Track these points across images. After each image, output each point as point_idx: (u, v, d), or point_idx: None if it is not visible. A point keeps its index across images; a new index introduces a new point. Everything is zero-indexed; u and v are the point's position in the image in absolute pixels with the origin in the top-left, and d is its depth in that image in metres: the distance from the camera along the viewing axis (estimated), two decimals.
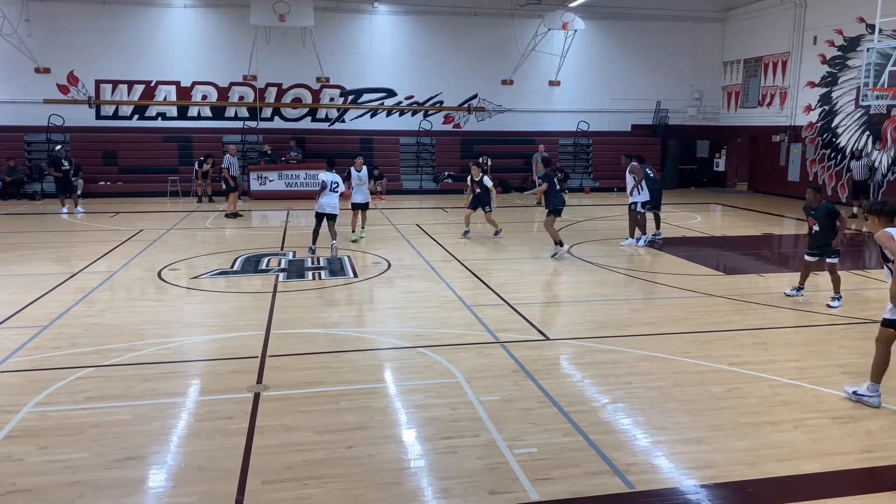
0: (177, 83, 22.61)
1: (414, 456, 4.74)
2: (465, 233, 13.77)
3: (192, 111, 22.96)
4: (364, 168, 13.27)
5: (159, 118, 22.76)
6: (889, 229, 5.46)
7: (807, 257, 8.97)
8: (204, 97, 22.90)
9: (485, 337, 7.35)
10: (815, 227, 8.81)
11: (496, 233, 13.63)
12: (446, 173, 23.58)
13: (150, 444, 4.85)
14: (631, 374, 6.27)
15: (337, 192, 11.73)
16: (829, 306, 8.65)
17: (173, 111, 22.82)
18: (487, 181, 13.49)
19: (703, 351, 6.94)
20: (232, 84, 22.93)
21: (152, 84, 22.45)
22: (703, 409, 5.52)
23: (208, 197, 20.49)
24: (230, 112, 23.19)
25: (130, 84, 22.29)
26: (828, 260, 8.74)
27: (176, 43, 22.37)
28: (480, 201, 13.57)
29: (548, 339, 7.35)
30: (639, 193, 12.94)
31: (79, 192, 18.82)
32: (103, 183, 21.35)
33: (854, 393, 5.58)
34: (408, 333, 7.56)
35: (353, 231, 13.57)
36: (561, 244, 11.77)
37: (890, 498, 4.25)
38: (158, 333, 7.43)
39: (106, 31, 21.70)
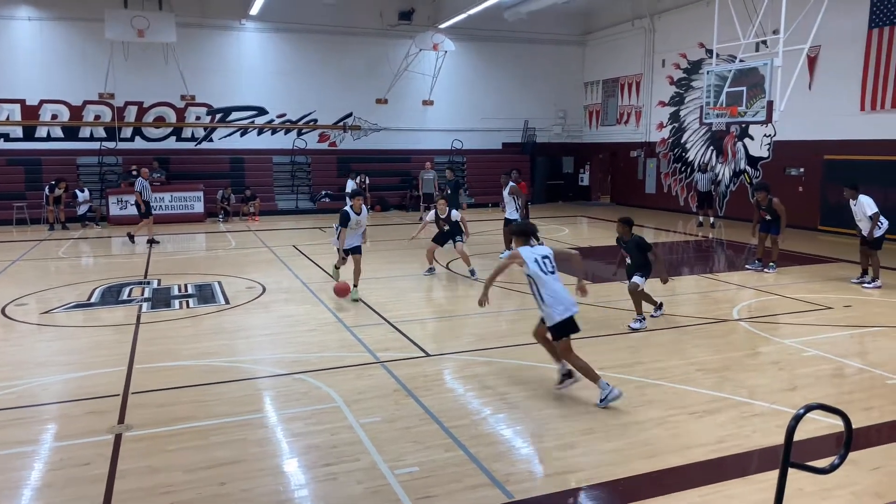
0: (21, 101, 20.79)
1: (293, 486, 4.58)
2: (431, 270, 11.98)
3: (41, 131, 21.18)
4: (364, 210, 10.25)
5: (1, 140, 20.80)
6: (522, 248, 6.10)
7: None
8: (54, 116, 21.21)
9: (365, 358, 7.27)
10: (628, 260, 8.67)
11: (472, 272, 11.72)
12: (324, 192, 23.27)
13: None
14: (508, 385, 6.44)
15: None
16: (631, 328, 8.39)
17: (18, 132, 20.95)
18: (456, 215, 11.82)
19: None
20: (86, 102, 21.41)
21: None
22: (576, 413, 5.76)
23: (61, 224, 18.92)
24: (85, 132, 21.62)
25: None
26: (632, 280, 8.57)
27: (19, 58, 20.60)
28: (451, 235, 11.89)
29: (428, 355, 7.39)
30: (516, 211, 13.43)
31: None
32: None
33: (601, 401, 5.82)
34: (284, 360, 7.33)
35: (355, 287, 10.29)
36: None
37: (742, 483, 4.62)
38: (2, 376, 6.72)
39: None
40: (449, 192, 15.97)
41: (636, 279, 8.50)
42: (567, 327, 5.93)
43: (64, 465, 4.86)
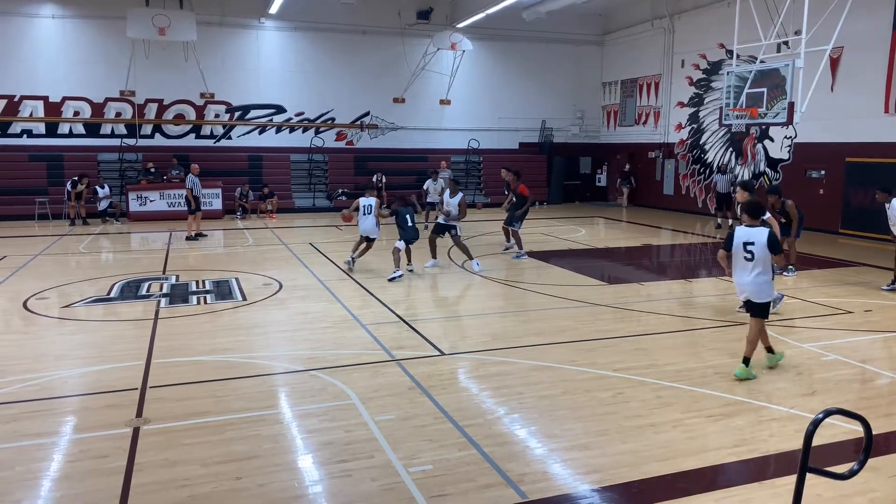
0: (45, 98, 21.09)
1: (307, 482, 4.61)
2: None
3: (63, 128, 21.46)
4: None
5: (24, 135, 21.11)
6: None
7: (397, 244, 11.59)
8: (76, 113, 21.48)
9: (380, 356, 7.29)
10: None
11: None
12: (340, 190, 23.36)
13: (13, 491, 4.43)
14: (523, 385, 6.42)
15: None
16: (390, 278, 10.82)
17: (41, 128, 21.25)
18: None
19: (589, 358, 7.23)
20: (108, 99, 21.67)
21: (16, 99, 20.82)
22: (591, 415, 5.74)
23: (82, 219, 19.17)
24: (106, 129, 21.88)
25: None
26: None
27: (43, 55, 20.89)
28: None
29: (443, 354, 7.40)
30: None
31: None
32: None
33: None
34: (300, 356, 7.37)
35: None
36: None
37: (758, 487, 4.57)
38: (23, 369, 6.83)
39: None
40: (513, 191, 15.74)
41: (398, 244, 11.59)
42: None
43: (82, 458, 4.92)
